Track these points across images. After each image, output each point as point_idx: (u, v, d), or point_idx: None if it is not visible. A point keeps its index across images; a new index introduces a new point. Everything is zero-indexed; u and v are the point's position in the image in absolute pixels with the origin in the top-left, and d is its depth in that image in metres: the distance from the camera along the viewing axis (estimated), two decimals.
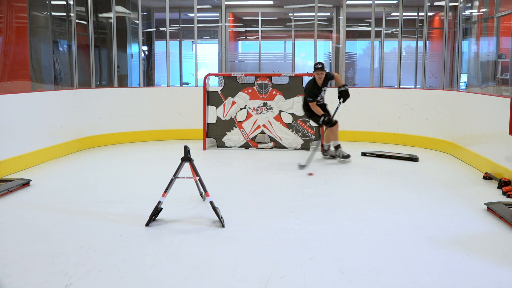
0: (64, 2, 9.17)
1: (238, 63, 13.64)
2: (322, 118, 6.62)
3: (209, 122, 7.85)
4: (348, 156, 6.62)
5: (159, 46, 13.18)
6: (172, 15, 10.82)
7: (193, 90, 8.61)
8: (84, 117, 7.75)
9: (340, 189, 5.23)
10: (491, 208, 4.26)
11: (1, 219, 4.14)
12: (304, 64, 13.71)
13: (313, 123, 7.68)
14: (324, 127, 6.83)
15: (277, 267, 3.12)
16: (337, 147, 6.72)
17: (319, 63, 6.60)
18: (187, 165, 4.08)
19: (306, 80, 8.70)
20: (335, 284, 2.89)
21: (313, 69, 6.63)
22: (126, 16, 11.15)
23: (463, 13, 8.60)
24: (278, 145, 7.73)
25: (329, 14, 13.23)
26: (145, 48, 12.52)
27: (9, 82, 7.84)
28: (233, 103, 7.81)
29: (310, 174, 5.82)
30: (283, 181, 5.57)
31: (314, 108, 6.67)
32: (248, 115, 7.81)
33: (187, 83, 11.92)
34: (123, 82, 10.79)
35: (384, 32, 12.54)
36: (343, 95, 6.57)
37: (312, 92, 6.63)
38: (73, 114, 7.49)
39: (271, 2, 12.78)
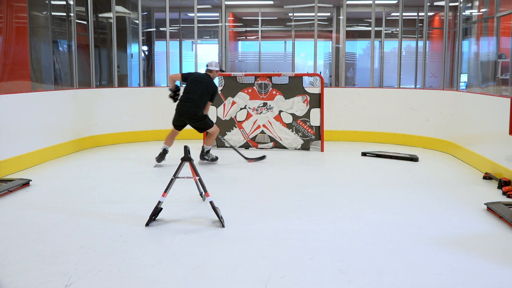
0: (64, 2, 9.17)
1: (238, 63, 13.64)
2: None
3: None
4: (215, 159, 6.61)
5: (159, 46, 13.19)
6: (172, 15, 10.82)
7: None
8: (84, 117, 7.75)
9: (340, 189, 5.23)
10: (491, 208, 4.26)
11: (1, 219, 4.14)
12: (304, 64, 13.71)
13: (313, 123, 7.67)
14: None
15: (277, 267, 3.12)
16: (208, 150, 6.60)
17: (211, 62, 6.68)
18: (187, 165, 4.08)
19: (306, 80, 8.71)
20: (335, 284, 2.89)
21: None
22: (126, 16, 11.16)
23: (463, 13, 8.60)
24: (278, 145, 7.73)
25: (329, 14, 13.24)
26: (145, 48, 12.52)
27: (9, 82, 7.85)
28: (233, 103, 7.82)
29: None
30: (283, 181, 5.57)
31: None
32: (248, 115, 7.81)
33: None
34: (123, 82, 10.79)
35: (384, 32, 12.54)
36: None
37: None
38: (73, 114, 7.49)
39: (271, 2, 12.79)
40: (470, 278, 2.98)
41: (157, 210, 3.98)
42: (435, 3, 12.06)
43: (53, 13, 9.01)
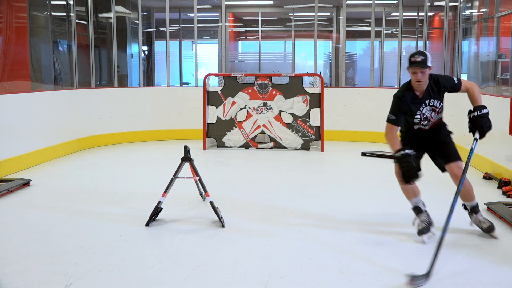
0: (64, 2, 9.16)
1: (238, 63, 13.63)
2: (396, 155, 3.51)
3: (209, 122, 7.85)
4: (490, 229, 3.67)
5: (159, 46, 13.18)
6: (172, 15, 10.82)
7: (193, 90, 8.61)
8: (84, 117, 7.75)
9: (340, 189, 5.23)
10: (491, 208, 4.25)
11: (1, 219, 4.14)
12: (304, 64, 13.71)
13: (313, 123, 7.64)
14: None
15: (277, 267, 3.12)
16: (473, 209, 3.76)
17: (418, 53, 3.51)
18: (187, 165, 4.08)
19: (306, 80, 8.66)
20: (335, 284, 2.89)
21: (408, 63, 3.55)
22: (126, 16, 11.15)
23: (463, 13, 8.60)
24: (278, 145, 7.73)
25: (329, 14, 13.23)
26: (145, 48, 12.51)
27: (9, 82, 7.84)
28: (233, 103, 7.81)
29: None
30: (283, 181, 5.57)
31: (389, 136, 3.60)
32: (248, 115, 7.81)
33: (187, 83, 11.93)
34: (123, 82, 10.79)
35: (384, 32, 12.54)
36: (476, 125, 3.50)
37: (398, 105, 3.59)
38: (73, 114, 7.49)
39: (271, 2, 12.78)
40: (470, 278, 2.98)
41: (157, 210, 3.98)
42: (435, 3, 12.05)
43: (53, 13, 9.00)
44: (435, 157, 3.84)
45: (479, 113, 3.49)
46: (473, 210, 3.76)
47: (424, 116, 3.65)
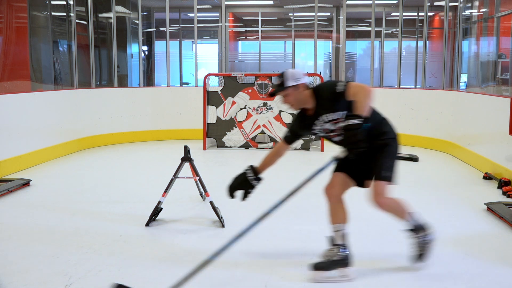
0: (64, 2, 9.17)
1: (238, 63, 13.64)
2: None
3: (209, 122, 7.85)
4: (417, 257, 3.10)
5: (159, 46, 13.19)
6: (172, 15, 10.82)
7: (193, 90, 8.61)
8: (84, 117, 7.74)
9: None
10: (491, 208, 4.25)
11: (1, 219, 4.14)
12: (304, 64, 13.71)
13: None
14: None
15: (277, 267, 3.11)
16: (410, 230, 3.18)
17: (278, 77, 3.07)
18: (187, 165, 4.08)
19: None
20: (335, 284, 2.89)
21: None
22: (126, 16, 11.15)
23: (463, 13, 8.60)
24: None
25: (329, 14, 13.23)
26: (145, 48, 12.52)
27: (9, 82, 7.84)
28: (233, 103, 7.81)
29: None
30: (283, 181, 5.56)
31: (273, 148, 3.58)
32: (248, 115, 7.81)
33: (187, 83, 11.93)
34: (123, 82, 10.79)
35: (384, 32, 12.54)
36: (347, 138, 2.87)
37: (292, 123, 3.32)
38: (73, 114, 7.49)
39: (271, 2, 12.78)
40: (470, 278, 2.98)
41: (157, 210, 3.98)
42: (435, 3, 12.05)
43: (53, 13, 9.00)
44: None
45: (346, 123, 2.80)
46: (411, 232, 3.12)
47: (330, 130, 3.14)
